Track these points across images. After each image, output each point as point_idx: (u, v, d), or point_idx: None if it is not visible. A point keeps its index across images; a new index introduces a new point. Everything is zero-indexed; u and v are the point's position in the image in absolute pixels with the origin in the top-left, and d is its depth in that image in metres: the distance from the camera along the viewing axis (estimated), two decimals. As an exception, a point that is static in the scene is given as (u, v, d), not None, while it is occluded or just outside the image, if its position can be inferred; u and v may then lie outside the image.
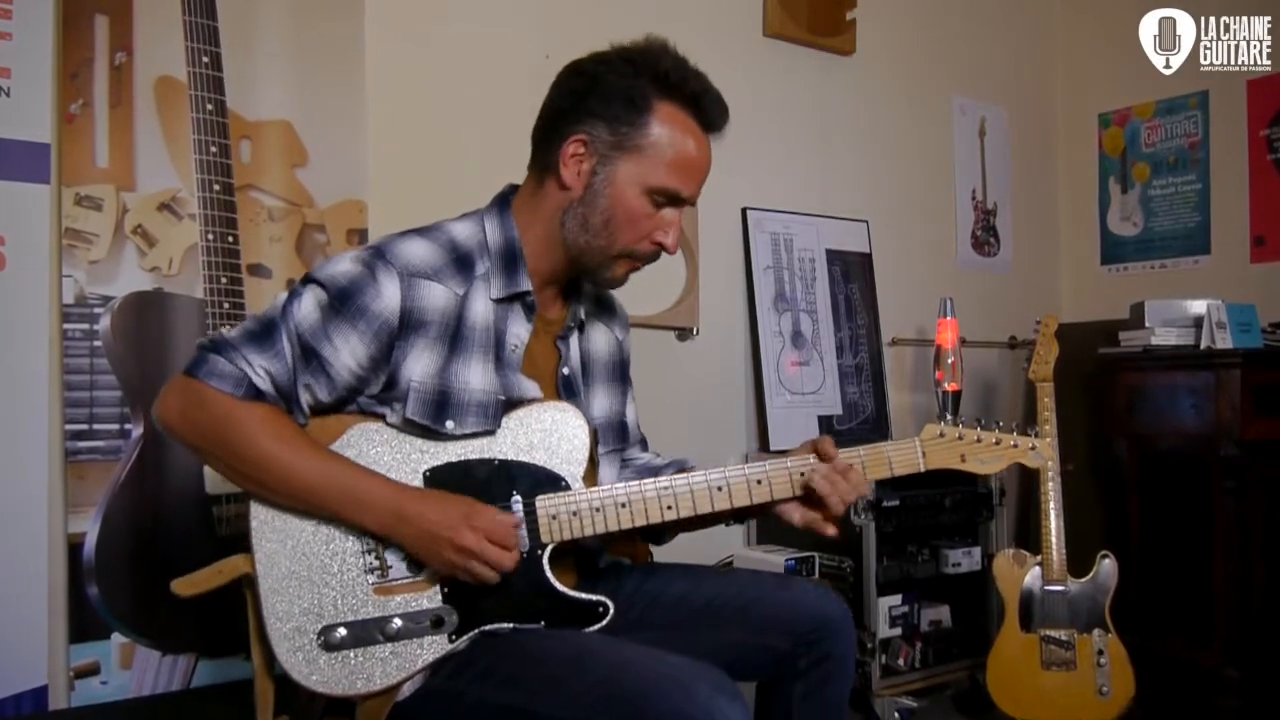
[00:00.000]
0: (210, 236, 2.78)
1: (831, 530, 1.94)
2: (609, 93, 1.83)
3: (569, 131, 1.85)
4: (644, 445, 2.25)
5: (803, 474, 1.89)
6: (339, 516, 1.74)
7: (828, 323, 4.09)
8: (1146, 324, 3.92)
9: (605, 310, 2.15)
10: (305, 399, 1.78)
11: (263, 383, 1.73)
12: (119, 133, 2.69)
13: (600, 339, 2.11)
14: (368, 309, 1.75)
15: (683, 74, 1.84)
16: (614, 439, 2.10)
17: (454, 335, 1.82)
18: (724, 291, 3.91)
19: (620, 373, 2.16)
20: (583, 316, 2.05)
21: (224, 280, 2.80)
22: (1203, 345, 3.74)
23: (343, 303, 1.76)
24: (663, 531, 2.08)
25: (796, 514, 1.94)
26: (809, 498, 1.90)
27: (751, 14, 4.05)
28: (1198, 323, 3.81)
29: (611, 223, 1.85)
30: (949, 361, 3.83)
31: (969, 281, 4.67)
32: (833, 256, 4.16)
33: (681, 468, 2.04)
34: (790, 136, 4.15)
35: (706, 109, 1.86)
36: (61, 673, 2.58)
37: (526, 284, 1.88)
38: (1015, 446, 1.98)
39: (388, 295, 1.76)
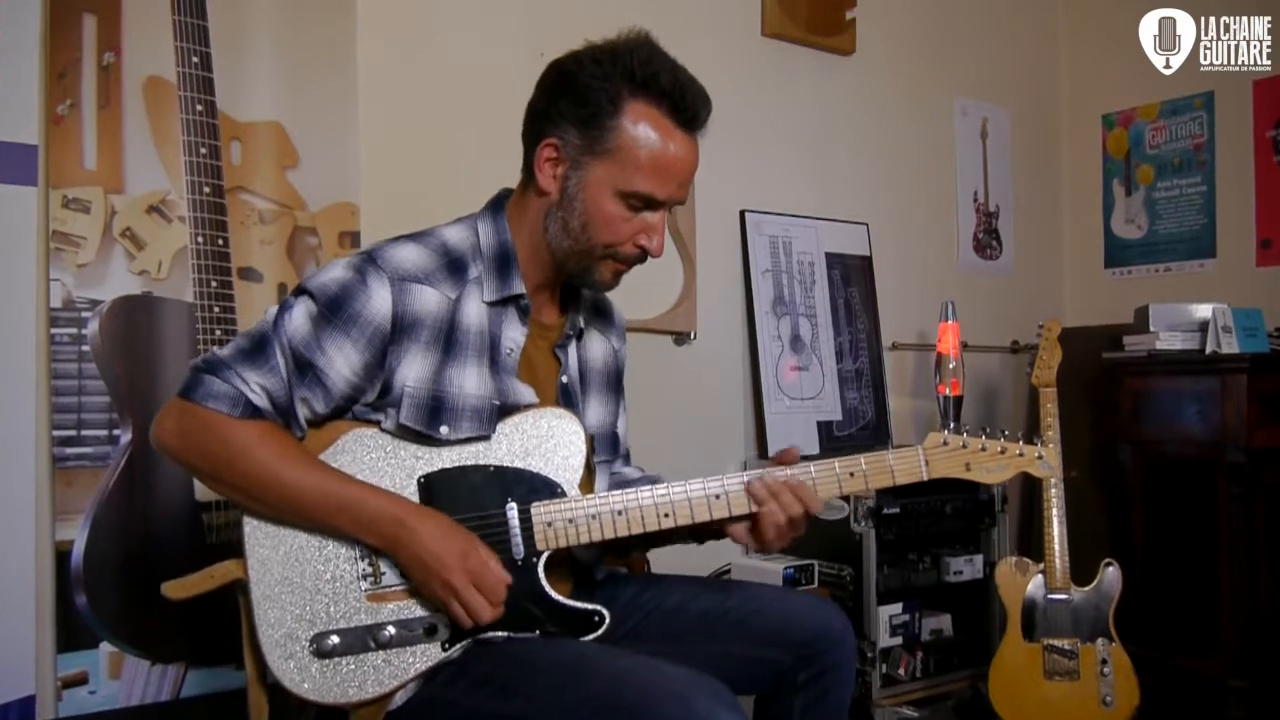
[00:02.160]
0: (200, 239, 2.79)
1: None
2: (579, 94, 1.82)
3: (542, 135, 1.86)
4: (627, 459, 2.25)
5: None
6: (341, 533, 1.75)
7: (827, 327, 4.10)
8: (1151, 328, 3.92)
9: (603, 318, 2.15)
10: (303, 412, 1.79)
11: (259, 399, 1.74)
12: (107, 134, 2.69)
13: (597, 347, 2.12)
14: (360, 315, 1.76)
15: (654, 69, 1.81)
16: (607, 449, 2.11)
17: (447, 339, 1.82)
18: (722, 295, 3.92)
19: (614, 383, 2.17)
20: (581, 324, 2.06)
21: (214, 284, 2.80)
22: (1208, 350, 3.75)
23: (334, 311, 1.76)
24: (631, 545, 2.07)
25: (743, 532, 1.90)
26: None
27: (749, 13, 4.06)
28: (1203, 327, 3.81)
29: (589, 227, 1.85)
30: (950, 368, 3.84)
31: (971, 285, 4.69)
32: (832, 260, 4.17)
33: (653, 483, 2.05)
34: (789, 138, 4.16)
35: (682, 104, 1.83)
36: (49, 682, 2.58)
37: (520, 287, 1.89)
38: (1021, 455, 1.97)
39: (379, 300, 1.77)
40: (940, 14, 4.69)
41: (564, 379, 2.00)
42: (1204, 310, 3.85)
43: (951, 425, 1.97)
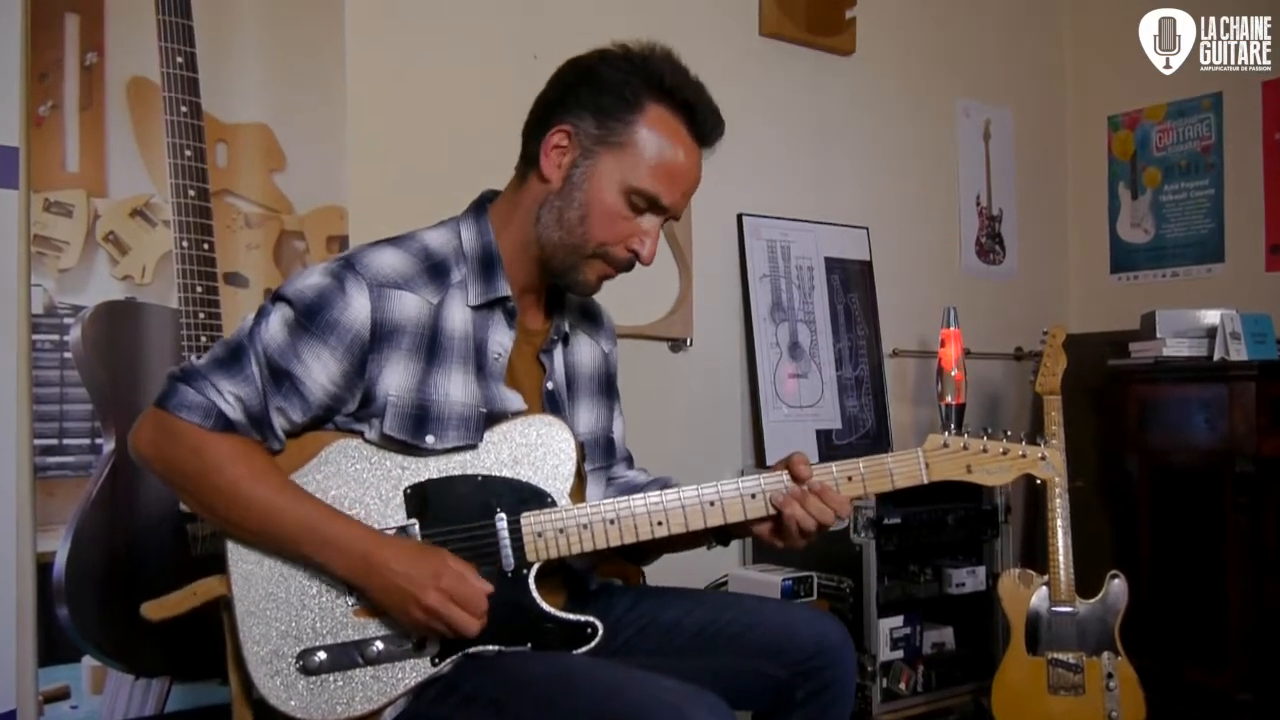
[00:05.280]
0: (185, 244, 2.79)
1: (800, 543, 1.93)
2: (601, 85, 1.84)
3: (555, 122, 1.87)
4: (630, 462, 2.25)
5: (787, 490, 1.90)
6: (306, 559, 1.74)
7: (826, 333, 4.10)
8: (1158, 334, 3.93)
9: (590, 321, 2.16)
10: (279, 423, 1.78)
11: (233, 411, 1.73)
12: (90, 136, 2.69)
13: (585, 351, 2.12)
14: (337, 322, 1.76)
15: (679, 80, 1.85)
16: (600, 456, 2.10)
17: (430, 346, 1.82)
18: (719, 301, 3.92)
19: (606, 386, 2.16)
20: (567, 329, 2.06)
21: (199, 289, 2.80)
22: (1216, 357, 3.76)
23: (311, 318, 1.76)
24: (645, 553, 2.08)
25: (769, 532, 1.94)
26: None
27: (747, 13, 4.06)
28: (1211, 333, 3.83)
29: (587, 220, 1.85)
30: (952, 375, 3.84)
31: (973, 290, 4.69)
32: (831, 264, 4.18)
33: (664, 485, 2.04)
34: (787, 140, 4.17)
35: (699, 118, 1.87)
36: (30, 697, 2.57)
37: (505, 289, 1.89)
38: (1024, 456, 1.97)
39: (357, 307, 1.76)
40: (942, 13, 4.70)
41: (549, 385, 2.00)
42: (1212, 316, 3.86)
43: (952, 429, 1.97)
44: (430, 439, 1.80)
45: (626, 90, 1.83)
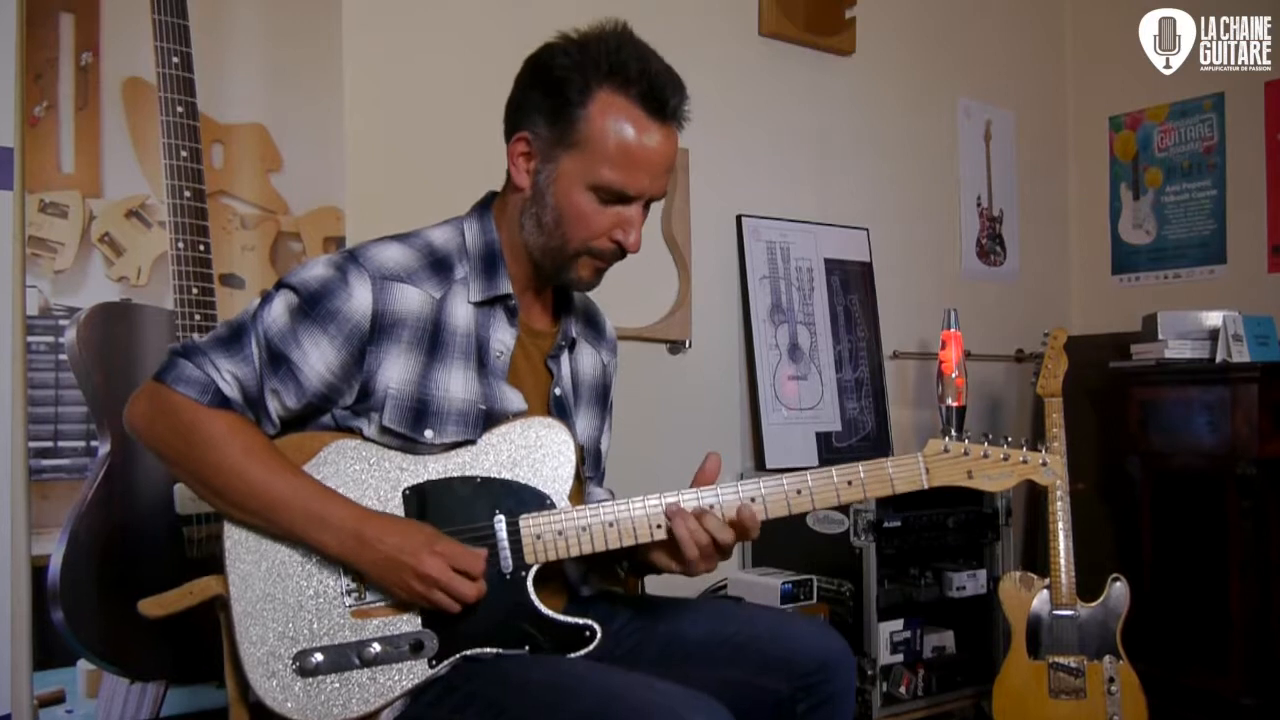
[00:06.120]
0: (180, 245, 2.79)
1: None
2: (548, 85, 1.84)
3: (516, 129, 1.88)
4: (601, 479, 2.22)
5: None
6: (299, 536, 1.75)
7: (826, 335, 4.11)
8: (1159, 336, 3.94)
9: (594, 329, 2.17)
10: (273, 406, 1.80)
11: (229, 389, 1.75)
12: (85, 137, 2.70)
13: (587, 360, 2.13)
14: (338, 311, 1.78)
15: (623, 58, 1.81)
16: (590, 465, 2.12)
17: (432, 340, 1.84)
18: (718, 302, 3.93)
19: (602, 398, 2.17)
20: (574, 334, 2.07)
21: (195, 291, 2.80)
22: (1218, 359, 3.77)
23: (313, 306, 1.78)
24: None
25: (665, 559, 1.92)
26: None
27: (746, 12, 4.06)
28: (1213, 335, 3.84)
29: (562, 223, 1.86)
30: (953, 377, 3.85)
31: (974, 292, 4.70)
32: (831, 266, 4.18)
33: None
34: (787, 140, 4.17)
35: (652, 93, 1.82)
36: (25, 701, 2.57)
37: (507, 287, 1.91)
38: (1025, 462, 1.97)
39: (359, 298, 1.78)
40: (943, 12, 4.71)
41: (557, 391, 2.00)
42: (1214, 318, 3.87)
43: (953, 433, 1.96)
44: (429, 433, 1.81)
45: (570, 87, 1.81)
